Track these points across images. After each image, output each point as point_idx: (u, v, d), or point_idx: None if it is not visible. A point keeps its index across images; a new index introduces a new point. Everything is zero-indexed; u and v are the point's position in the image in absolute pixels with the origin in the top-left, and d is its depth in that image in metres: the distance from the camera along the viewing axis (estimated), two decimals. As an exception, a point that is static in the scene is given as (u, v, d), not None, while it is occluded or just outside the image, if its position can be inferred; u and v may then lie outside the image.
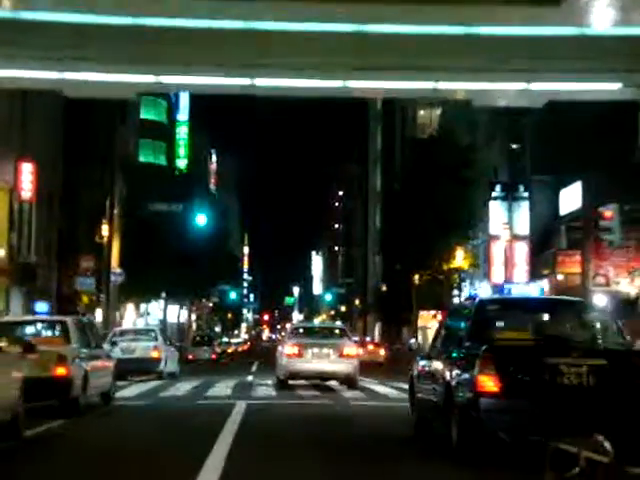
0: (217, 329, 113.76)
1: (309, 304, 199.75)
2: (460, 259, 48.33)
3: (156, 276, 56.34)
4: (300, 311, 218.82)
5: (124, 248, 55.05)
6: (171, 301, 69.82)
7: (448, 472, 9.90)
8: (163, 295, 66.68)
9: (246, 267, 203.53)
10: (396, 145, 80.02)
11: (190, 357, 55.35)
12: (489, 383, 10.04)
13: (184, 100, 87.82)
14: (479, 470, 9.86)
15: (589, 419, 9.77)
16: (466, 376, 10.45)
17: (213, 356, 61.09)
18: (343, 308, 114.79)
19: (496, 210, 45.26)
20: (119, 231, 53.91)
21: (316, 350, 24.88)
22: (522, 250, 44.29)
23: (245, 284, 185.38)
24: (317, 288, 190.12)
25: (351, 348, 25.43)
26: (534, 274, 43.42)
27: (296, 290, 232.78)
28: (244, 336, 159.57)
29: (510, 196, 44.84)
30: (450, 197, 47.29)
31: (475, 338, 10.86)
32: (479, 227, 49.78)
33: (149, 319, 65.32)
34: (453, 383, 10.86)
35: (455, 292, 50.40)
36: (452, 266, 48.76)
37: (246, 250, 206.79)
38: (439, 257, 49.07)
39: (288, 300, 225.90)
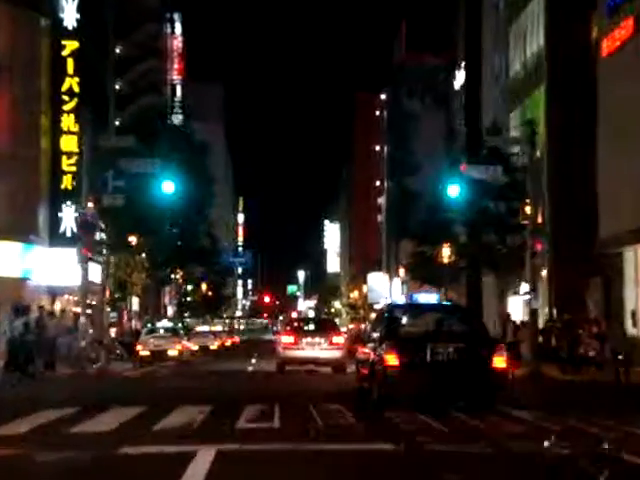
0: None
1: (320, 286, 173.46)
2: None
3: None
4: (307, 297, 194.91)
5: None
6: None
7: (370, 412, 16.60)
8: None
9: (241, 241, 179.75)
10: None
11: None
12: (392, 360, 16.68)
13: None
14: (388, 412, 16.49)
15: (453, 380, 16.62)
16: (380, 356, 17.11)
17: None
18: None
19: None
20: None
21: (309, 339, 29.98)
22: None
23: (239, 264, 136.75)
24: (333, 264, 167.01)
25: (339, 337, 30.83)
26: None
27: (301, 275, 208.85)
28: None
29: None
30: None
31: (386, 331, 17.56)
32: None
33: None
34: (374, 361, 17.52)
35: None
36: None
37: (241, 218, 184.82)
38: None
39: (291, 289, 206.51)
